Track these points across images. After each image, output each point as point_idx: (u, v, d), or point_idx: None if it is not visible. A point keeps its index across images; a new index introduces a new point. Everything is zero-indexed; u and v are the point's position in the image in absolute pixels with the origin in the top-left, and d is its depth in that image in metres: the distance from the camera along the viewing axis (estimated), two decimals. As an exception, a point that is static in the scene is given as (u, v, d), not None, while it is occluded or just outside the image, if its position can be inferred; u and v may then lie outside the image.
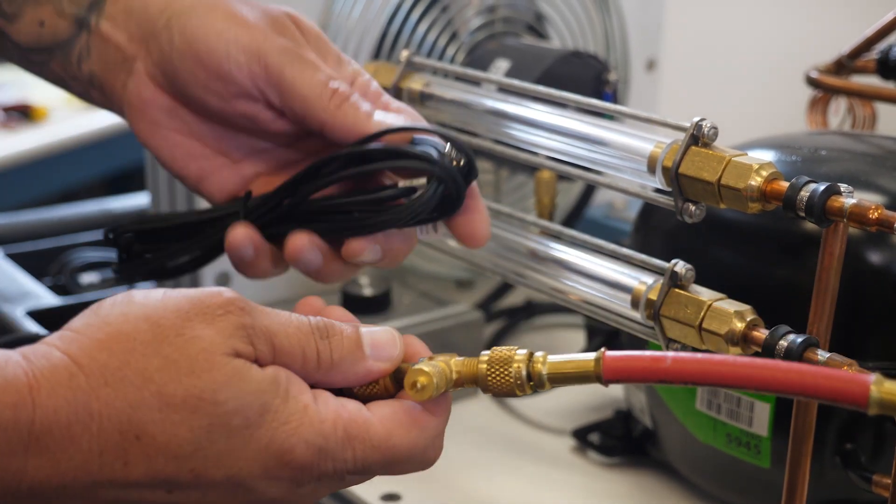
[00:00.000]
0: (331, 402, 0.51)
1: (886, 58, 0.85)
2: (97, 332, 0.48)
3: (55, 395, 0.46)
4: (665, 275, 0.62)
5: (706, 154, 0.60)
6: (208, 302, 0.50)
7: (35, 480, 0.46)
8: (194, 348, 0.48)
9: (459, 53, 0.93)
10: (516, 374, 0.51)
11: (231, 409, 0.48)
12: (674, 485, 0.80)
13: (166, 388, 0.47)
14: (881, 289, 0.65)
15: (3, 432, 0.45)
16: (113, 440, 0.47)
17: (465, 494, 0.79)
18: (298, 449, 0.50)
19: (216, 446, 0.48)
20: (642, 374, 0.47)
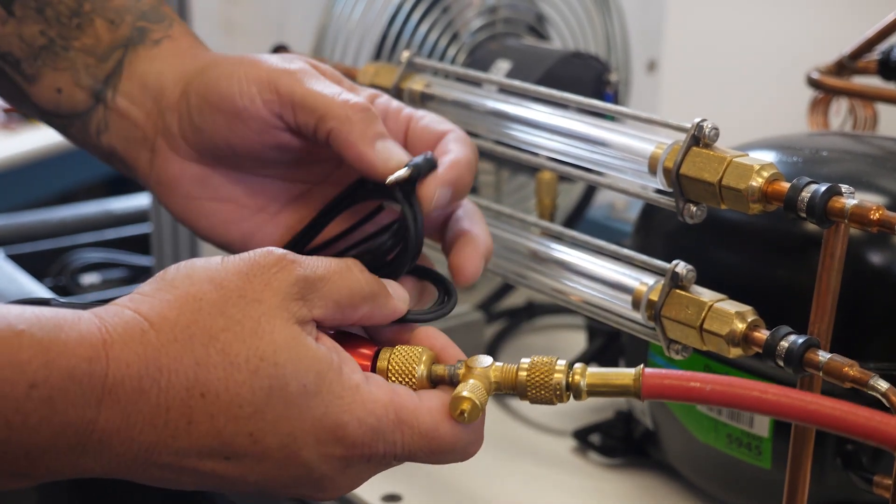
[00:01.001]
0: (383, 385, 0.53)
1: (888, 58, 0.85)
2: (165, 294, 0.51)
3: (127, 349, 0.48)
4: (666, 276, 0.62)
5: (707, 155, 0.60)
6: (263, 262, 0.53)
7: (105, 431, 0.48)
8: (255, 311, 0.51)
9: (460, 54, 0.93)
10: (556, 384, 0.53)
11: (289, 372, 0.50)
12: (675, 486, 0.80)
13: (231, 348, 0.50)
14: (882, 290, 0.65)
15: (79, 384, 0.47)
16: (179, 396, 0.49)
17: (466, 495, 0.79)
18: (352, 426, 0.51)
19: (274, 410, 0.50)
20: (680, 394, 0.49)
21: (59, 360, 0.47)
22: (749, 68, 1.51)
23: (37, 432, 0.47)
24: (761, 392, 0.47)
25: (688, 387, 0.48)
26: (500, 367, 0.54)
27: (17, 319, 0.47)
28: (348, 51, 0.92)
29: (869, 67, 0.86)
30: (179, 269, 0.53)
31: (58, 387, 0.47)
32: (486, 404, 0.54)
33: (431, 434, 0.53)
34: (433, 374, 0.56)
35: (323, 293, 0.53)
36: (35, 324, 0.47)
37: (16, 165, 2.30)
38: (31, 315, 0.48)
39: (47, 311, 0.48)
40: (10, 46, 0.71)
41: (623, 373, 0.51)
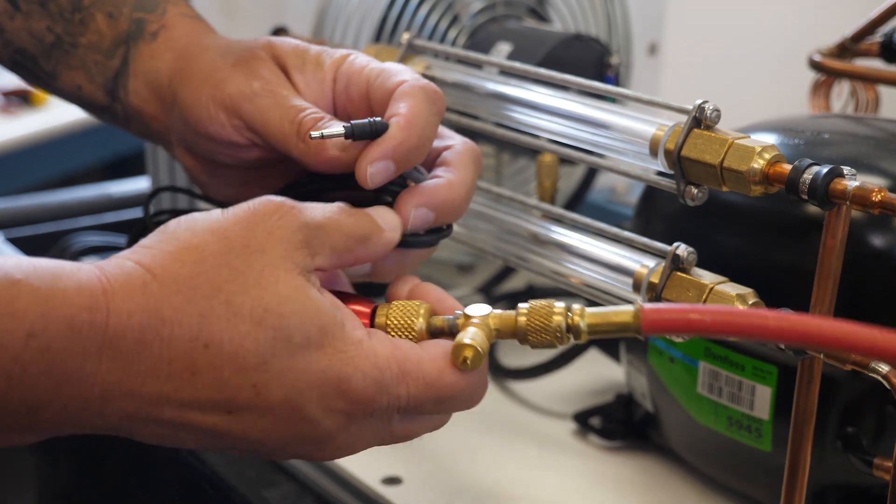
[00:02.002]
0: (385, 340, 0.53)
1: (890, 41, 0.84)
2: (167, 245, 0.51)
3: (129, 300, 0.48)
4: (667, 258, 0.62)
5: (709, 137, 0.60)
6: (263, 210, 0.52)
7: (106, 383, 0.48)
8: (259, 262, 0.51)
9: (461, 37, 0.93)
10: (556, 326, 0.52)
11: (294, 323, 0.50)
12: (675, 468, 0.80)
13: (235, 298, 0.50)
14: (883, 271, 0.65)
15: (78, 334, 0.47)
16: (182, 347, 0.49)
17: (466, 478, 0.79)
18: (355, 379, 0.51)
19: (278, 362, 0.50)
20: (680, 326, 0.48)
21: (58, 310, 0.46)
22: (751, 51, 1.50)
23: (37, 383, 0.46)
24: (760, 318, 0.46)
25: (687, 319, 0.47)
26: (499, 315, 0.54)
27: (14, 269, 0.47)
28: (348, 33, 0.92)
29: (871, 50, 0.86)
30: (181, 223, 0.52)
31: (57, 336, 0.46)
32: (488, 351, 0.53)
33: (436, 382, 0.53)
34: (432, 326, 0.55)
35: (323, 240, 0.53)
36: (32, 273, 0.47)
37: (15, 149, 2.30)
38: (28, 265, 0.47)
39: (46, 261, 0.48)
40: (22, 42, 0.72)
41: (622, 310, 0.51)
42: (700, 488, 0.78)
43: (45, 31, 0.71)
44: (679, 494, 0.78)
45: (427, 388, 0.53)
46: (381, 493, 0.77)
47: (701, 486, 0.78)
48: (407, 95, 0.60)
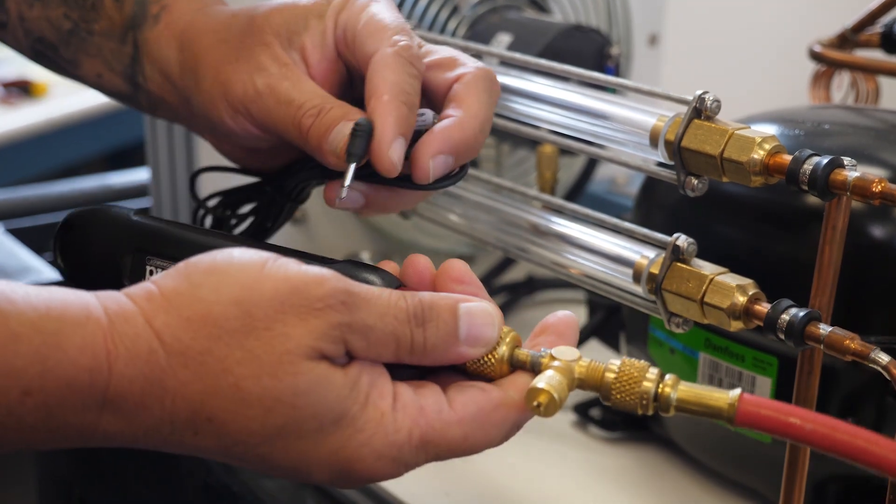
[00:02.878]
0: (410, 407, 0.50)
1: (891, 31, 0.84)
2: (185, 309, 0.47)
3: (132, 366, 0.46)
4: (667, 249, 0.62)
5: (709, 127, 0.59)
6: (307, 294, 0.48)
7: (108, 432, 0.47)
8: (280, 348, 0.47)
9: (461, 27, 0.93)
10: (644, 392, 0.50)
11: (307, 414, 0.48)
12: (675, 460, 0.80)
13: (244, 384, 0.47)
14: (883, 263, 0.65)
15: (78, 394, 0.46)
16: (184, 416, 0.47)
17: (465, 469, 0.79)
18: (369, 459, 0.49)
19: (286, 442, 0.48)
20: (776, 428, 0.45)
21: (57, 370, 0.45)
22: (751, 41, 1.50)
23: (34, 431, 0.46)
24: (866, 441, 0.43)
25: (786, 422, 0.45)
26: (587, 364, 0.51)
27: (17, 321, 0.45)
28: (348, 24, 0.91)
29: (871, 40, 0.86)
30: (210, 275, 0.48)
31: (54, 394, 0.45)
32: (565, 401, 0.50)
33: (460, 446, 0.51)
34: (515, 358, 0.53)
35: (366, 342, 0.49)
36: (36, 325, 0.45)
37: (16, 140, 2.30)
38: (33, 315, 0.45)
39: (52, 301, 0.46)
40: (42, 31, 0.71)
41: (718, 395, 0.48)
42: (700, 480, 0.78)
43: (63, 19, 0.70)
44: (679, 486, 0.78)
45: (447, 451, 0.51)
46: (381, 483, 0.77)
47: (701, 478, 0.78)
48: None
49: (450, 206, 0.78)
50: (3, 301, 0.46)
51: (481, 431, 0.51)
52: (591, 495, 0.77)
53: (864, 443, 0.44)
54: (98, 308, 0.47)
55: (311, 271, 0.48)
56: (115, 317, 0.47)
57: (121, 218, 0.60)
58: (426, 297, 0.51)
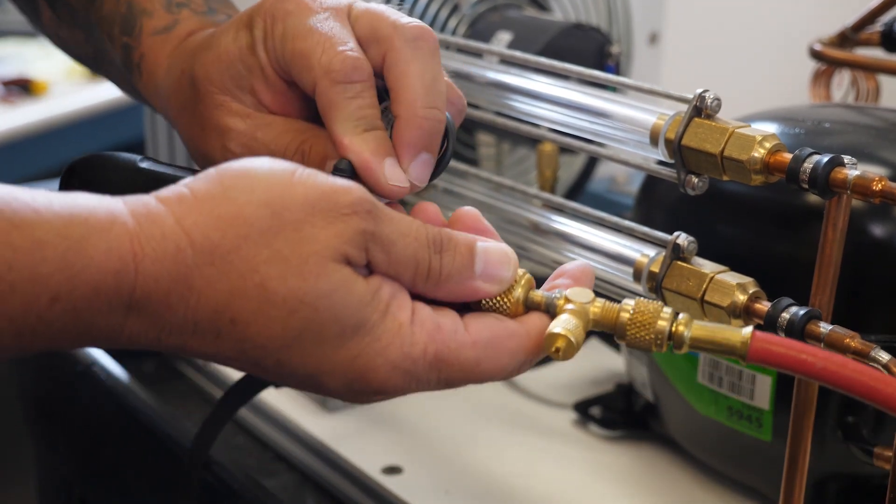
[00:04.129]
0: (427, 323, 0.51)
1: (891, 30, 0.84)
2: (216, 208, 0.48)
3: (158, 264, 0.47)
4: (667, 247, 0.62)
5: (709, 126, 0.59)
6: (336, 199, 0.49)
7: (133, 333, 0.48)
8: (307, 249, 0.48)
9: (461, 26, 0.93)
10: (658, 330, 0.50)
11: (328, 317, 0.48)
12: (675, 458, 0.80)
13: (269, 283, 0.48)
14: (884, 261, 0.65)
15: (105, 297, 0.46)
16: (207, 316, 0.48)
17: (466, 467, 0.79)
18: (384, 369, 0.50)
19: (304, 347, 0.49)
20: (788, 364, 0.46)
21: (84, 274, 0.46)
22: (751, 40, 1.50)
23: (62, 335, 0.47)
24: (872, 378, 0.44)
25: (798, 358, 0.45)
26: (602, 304, 0.52)
27: (42, 229, 0.45)
28: (348, 22, 0.91)
29: (872, 39, 0.86)
30: (242, 177, 0.49)
31: (81, 298, 0.46)
32: (582, 342, 0.51)
33: (473, 370, 0.51)
34: (530, 299, 0.53)
35: (387, 257, 0.50)
36: (61, 231, 0.46)
37: (16, 138, 2.29)
38: (57, 221, 0.46)
39: (79, 210, 0.46)
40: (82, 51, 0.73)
41: (731, 331, 0.48)
42: (700, 478, 0.78)
43: (85, 45, 0.72)
44: (679, 484, 0.78)
45: (460, 373, 0.51)
46: (382, 482, 0.77)
47: (701, 476, 0.78)
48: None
49: (449, 205, 0.78)
50: (27, 209, 0.46)
51: (494, 357, 0.52)
52: (591, 494, 0.77)
53: (871, 380, 0.44)
54: (124, 211, 0.47)
55: (339, 181, 0.50)
56: (142, 219, 0.47)
57: (128, 164, 0.58)
58: (445, 230, 0.52)
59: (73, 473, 1.00)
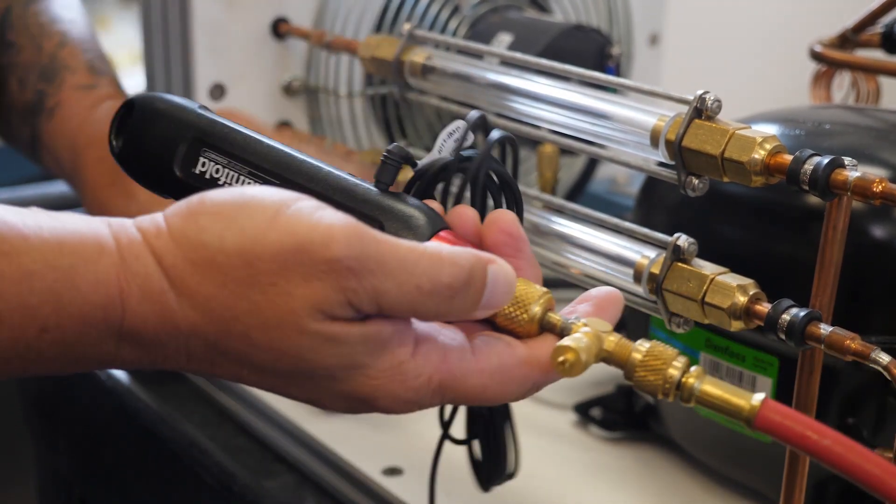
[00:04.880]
0: (433, 355, 0.49)
1: (891, 32, 0.84)
2: (191, 252, 0.47)
3: (145, 304, 0.47)
4: (668, 249, 0.62)
5: (709, 127, 0.59)
6: (312, 254, 0.46)
7: (127, 359, 0.48)
8: (284, 306, 0.46)
9: (461, 27, 0.93)
10: (668, 378, 0.48)
11: (316, 366, 0.47)
12: (675, 460, 0.80)
13: (252, 333, 0.47)
14: (884, 263, 0.65)
15: (94, 329, 0.46)
16: (199, 352, 0.48)
17: (466, 469, 0.79)
18: (384, 400, 0.49)
19: (299, 383, 0.49)
20: (795, 441, 0.45)
21: (72, 307, 0.46)
22: (752, 41, 1.50)
23: (55, 362, 0.47)
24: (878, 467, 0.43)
25: (802, 433, 0.44)
26: (617, 339, 0.50)
27: (29, 258, 0.45)
28: (349, 23, 0.91)
29: (872, 40, 0.86)
30: (216, 219, 0.47)
31: (70, 330, 0.46)
32: (590, 365, 0.48)
33: (477, 397, 0.50)
34: (546, 320, 0.51)
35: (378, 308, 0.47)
36: (50, 261, 0.46)
37: (16, 140, 2.29)
38: (46, 250, 0.46)
39: (67, 238, 0.46)
40: None
41: (741, 394, 0.47)
42: (701, 479, 0.78)
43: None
44: (680, 486, 0.78)
45: (465, 398, 0.50)
46: (382, 483, 0.77)
47: (702, 478, 0.78)
48: None
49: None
50: (16, 237, 0.46)
51: (500, 385, 0.50)
52: (591, 495, 0.77)
53: (877, 469, 0.43)
54: (110, 242, 0.47)
55: (320, 228, 0.46)
56: (126, 253, 0.47)
57: (184, 106, 0.58)
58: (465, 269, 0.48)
59: (73, 473, 1.00)
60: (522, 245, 0.54)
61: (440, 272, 0.47)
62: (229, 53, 0.89)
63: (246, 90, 0.91)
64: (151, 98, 0.58)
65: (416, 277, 0.47)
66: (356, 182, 0.54)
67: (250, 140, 0.56)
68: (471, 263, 0.48)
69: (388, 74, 0.81)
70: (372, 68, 0.83)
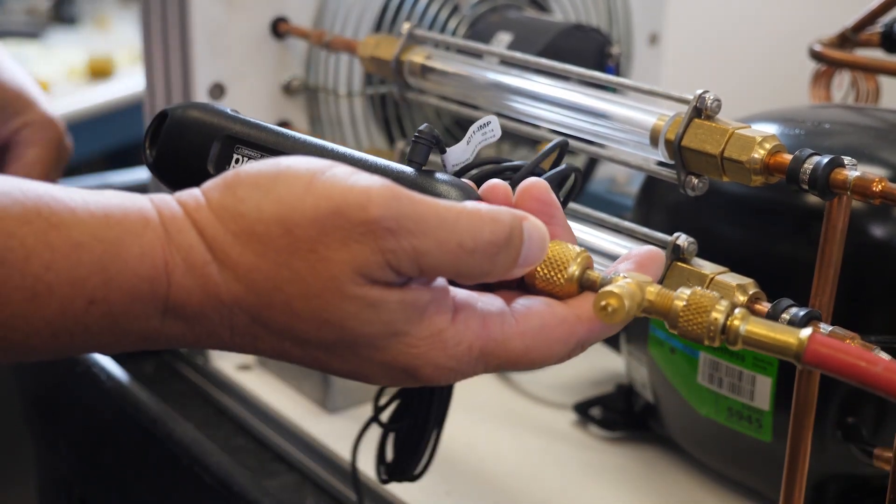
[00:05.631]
0: (472, 321, 0.49)
1: (891, 31, 0.84)
2: (231, 223, 0.47)
3: (189, 276, 0.47)
4: (667, 248, 0.62)
5: (709, 127, 0.59)
6: (349, 216, 0.45)
7: (171, 335, 0.48)
8: (325, 273, 0.46)
9: (461, 27, 0.93)
10: (712, 322, 0.47)
11: (358, 334, 0.47)
12: (675, 459, 0.80)
13: (294, 303, 0.46)
14: (884, 262, 0.65)
15: (140, 302, 0.46)
16: (242, 324, 0.47)
17: (466, 468, 0.79)
18: (426, 369, 0.48)
19: (341, 354, 0.48)
20: (847, 371, 0.44)
21: (119, 278, 0.46)
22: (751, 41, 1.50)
23: (100, 337, 0.47)
24: None
25: (853, 364, 0.43)
26: (659, 289, 0.49)
27: (78, 230, 0.45)
28: (348, 23, 0.91)
29: (872, 40, 0.86)
30: (255, 188, 0.47)
31: (118, 303, 0.46)
32: (633, 312, 0.48)
33: (520, 360, 0.50)
34: (586, 278, 0.51)
35: (418, 269, 0.46)
36: (97, 234, 0.46)
37: (15, 140, 2.29)
38: (93, 223, 0.46)
39: (113, 211, 0.46)
40: None
41: (788, 330, 0.45)
42: (700, 479, 0.78)
43: None
44: (679, 485, 0.78)
45: (508, 362, 0.50)
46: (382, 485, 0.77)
47: (701, 477, 0.78)
48: None
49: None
50: (64, 210, 0.46)
51: (544, 345, 0.49)
52: (591, 495, 0.77)
53: None
54: (154, 216, 0.47)
55: (356, 190, 0.46)
56: (170, 226, 0.47)
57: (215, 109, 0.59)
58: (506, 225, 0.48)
59: (73, 473, 1.00)
60: (556, 211, 0.53)
61: (482, 229, 0.47)
62: (229, 53, 0.89)
63: (246, 90, 0.91)
64: (183, 107, 0.60)
65: (458, 235, 0.47)
66: (388, 162, 0.54)
67: (281, 134, 0.57)
68: (510, 219, 0.48)
69: (388, 74, 0.81)
70: (371, 68, 0.83)
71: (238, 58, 0.90)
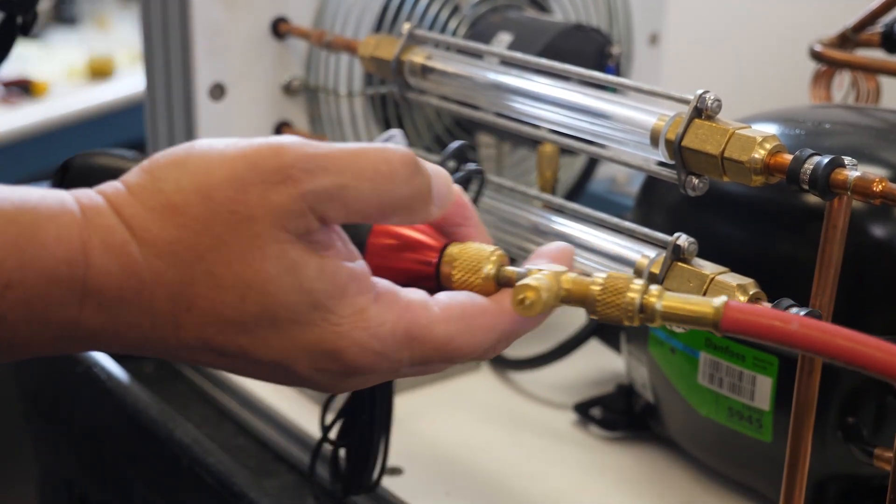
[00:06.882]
0: (394, 302, 0.49)
1: (891, 31, 0.84)
2: (150, 200, 0.47)
3: (107, 256, 0.46)
4: (668, 248, 0.62)
5: (710, 127, 0.59)
6: (265, 166, 0.46)
7: (90, 327, 0.47)
8: (247, 232, 0.46)
9: (461, 27, 0.93)
10: (629, 303, 0.48)
11: (280, 302, 0.47)
12: (675, 459, 0.80)
13: (216, 270, 0.46)
14: (884, 262, 0.65)
15: (58, 286, 0.45)
16: (164, 307, 0.47)
17: (466, 468, 0.79)
18: (350, 350, 0.48)
19: (264, 333, 0.47)
20: (764, 333, 0.44)
21: (36, 262, 0.45)
22: (752, 41, 1.50)
23: (16, 328, 0.45)
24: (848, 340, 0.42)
25: (770, 324, 0.43)
26: (574, 277, 0.49)
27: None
28: (349, 23, 0.91)
29: (872, 40, 0.86)
30: (170, 168, 0.47)
31: (34, 287, 0.45)
32: (551, 305, 0.48)
33: (446, 347, 0.50)
34: (501, 275, 0.52)
35: (341, 203, 0.47)
36: (11, 217, 0.45)
37: (16, 139, 2.30)
38: (9, 207, 0.45)
39: (24, 197, 0.46)
40: None
41: (703, 301, 0.46)
42: (701, 479, 0.78)
43: None
44: (680, 485, 0.78)
45: (434, 351, 0.50)
46: (382, 483, 0.77)
47: (701, 477, 0.78)
48: None
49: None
50: None
51: (468, 333, 0.50)
52: (591, 495, 0.77)
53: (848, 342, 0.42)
54: (72, 201, 0.47)
55: (268, 142, 0.47)
56: (88, 210, 0.46)
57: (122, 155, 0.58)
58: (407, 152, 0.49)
59: (73, 473, 1.00)
60: (469, 213, 0.54)
61: (391, 155, 0.48)
62: (229, 53, 0.89)
63: (246, 90, 0.91)
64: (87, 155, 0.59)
65: (372, 163, 0.48)
66: None
67: None
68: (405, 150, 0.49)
69: (388, 74, 0.81)
70: (372, 68, 0.83)
71: (238, 58, 0.90)
